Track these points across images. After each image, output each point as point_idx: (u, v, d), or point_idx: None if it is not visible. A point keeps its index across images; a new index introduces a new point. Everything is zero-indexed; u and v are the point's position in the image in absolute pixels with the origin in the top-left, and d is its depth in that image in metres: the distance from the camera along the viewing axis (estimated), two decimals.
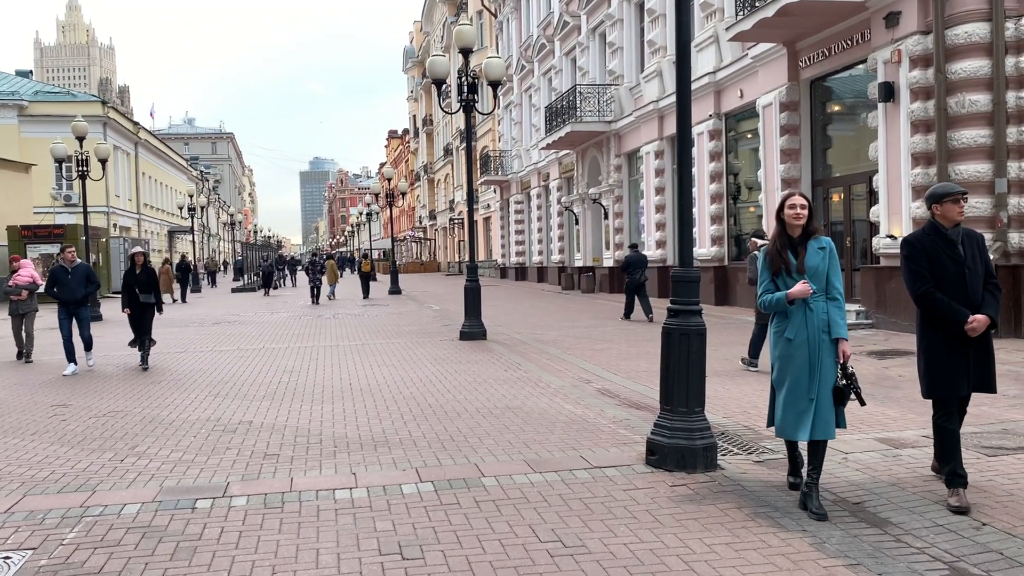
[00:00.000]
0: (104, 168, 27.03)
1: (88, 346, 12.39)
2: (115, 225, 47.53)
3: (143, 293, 12.39)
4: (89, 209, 25.33)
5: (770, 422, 5.25)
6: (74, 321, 12.27)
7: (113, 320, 22.30)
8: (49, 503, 5.49)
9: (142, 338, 12.31)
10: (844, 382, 4.87)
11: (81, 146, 23.60)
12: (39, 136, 42.34)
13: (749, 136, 20.41)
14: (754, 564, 4.18)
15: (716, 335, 12.14)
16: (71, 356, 11.93)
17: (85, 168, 23.81)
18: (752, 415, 7.70)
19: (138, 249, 12.91)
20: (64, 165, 30.78)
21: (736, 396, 8.68)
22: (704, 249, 21.03)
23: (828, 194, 17.27)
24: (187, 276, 34.23)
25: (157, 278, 12.77)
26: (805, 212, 4.97)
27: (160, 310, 12.73)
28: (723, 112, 20.92)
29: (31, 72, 60.49)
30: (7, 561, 4.45)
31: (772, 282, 5.03)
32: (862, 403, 4.92)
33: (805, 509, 4.89)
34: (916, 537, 4.50)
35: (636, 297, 17.99)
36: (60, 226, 34.07)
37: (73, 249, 12.81)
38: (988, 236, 12.77)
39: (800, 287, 4.86)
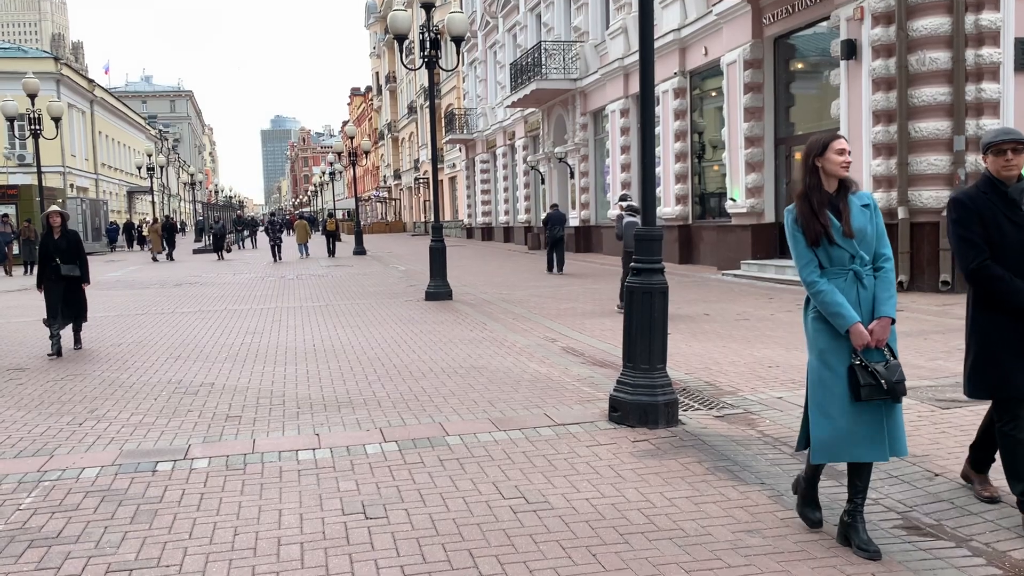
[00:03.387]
0: (58, 127, 26.39)
1: None
2: (72, 185, 46.50)
3: (65, 264, 10.05)
4: (44, 169, 24.77)
5: (806, 444, 3.96)
6: None
7: None
8: (5, 468, 5.41)
9: (77, 320, 10.37)
10: (858, 361, 3.67)
11: (33, 104, 22.99)
12: None
13: (713, 94, 20.39)
14: (713, 517, 4.24)
15: (679, 293, 12.26)
16: None
17: (38, 127, 23.21)
18: (713, 371, 7.79)
19: (54, 209, 10.43)
20: (16, 124, 29.98)
21: (698, 352, 8.77)
22: (668, 208, 21.08)
23: (790, 152, 17.35)
24: (172, 235, 34.30)
25: (82, 244, 10.50)
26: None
27: (87, 280, 10.40)
28: (688, 70, 20.83)
29: None
30: None
31: (813, 252, 3.83)
32: (891, 396, 3.65)
33: (847, 544, 3.82)
34: (871, 488, 4.58)
35: (555, 250, 20.07)
36: (14, 187, 33.34)
37: None
38: (946, 193, 12.97)
39: (859, 335, 3.68)
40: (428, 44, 15.02)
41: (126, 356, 9.72)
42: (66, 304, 10.10)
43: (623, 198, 13.91)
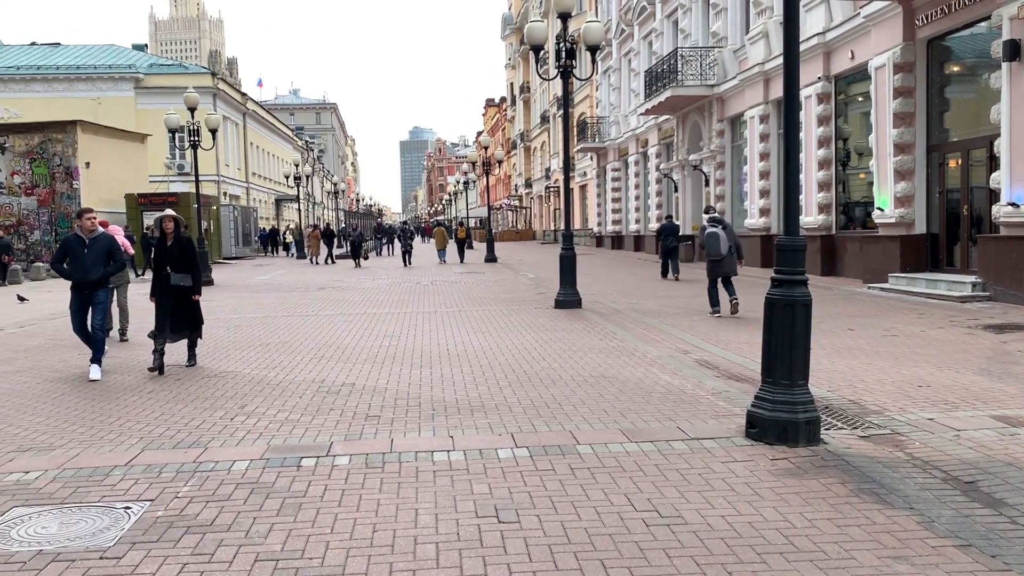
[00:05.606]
0: (214, 138, 28.04)
1: (98, 350, 9.04)
2: (225, 193, 49.33)
3: (176, 272, 9.23)
4: (200, 177, 26.34)
5: None
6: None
7: (225, 285, 23.28)
8: (165, 457, 5.78)
9: (191, 335, 9.59)
10: None
11: (193, 116, 24.51)
12: (154, 107, 44.26)
13: (860, 99, 19.55)
14: (857, 541, 4.05)
15: (821, 306, 11.79)
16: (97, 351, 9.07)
17: (196, 138, 24.72)
18: (858, 389, 7.44)
19: (169, 212, 9.57)
20: (177, 135, 32.11)
21: (841, 369, 8.40)
22: (811, 217, 20.35)
23: (944, 160, 16.43)
24: (331, 241, 37.13)
25: (195, 252, 9.60)
26: None
27: (198, 291, 9.50)
28: (832, 74, 20.07)
29: (146, 46, 63.11)
30: (127, 511, 4.73)
31: None
32: None
33: None
34: None
35: (669, 259, 21.36)
36: (174, 194, 35.72)
37: (94, 215, 9.32)
38: None
39: None
40: (564, 54, 15.12)
41: (273, 355, 10.21)
42: (178, 317, 9.36)
43: (707, 210, 14.62)
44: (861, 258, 18.44)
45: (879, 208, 17.41)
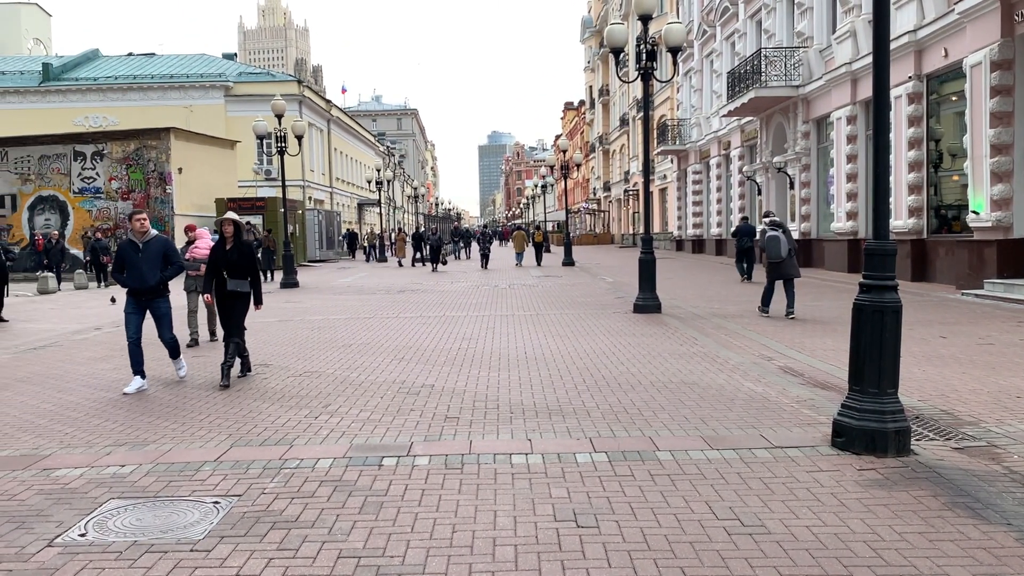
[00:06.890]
0: (300, 144, 28.73)
1: (174, 352, 8.97)
2: (310, 198, 50.55)
3: (233, 278, 8.84)
4: (287, 182, 27.05)
5: None
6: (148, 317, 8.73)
7: (309, 287, 23.84)
8: (252, 454, 5.95)
9: (229, 340, 8.83)
10: None
11: (280, 123, 25.17)
12: (242, 114, 45.75)
13: (953, 99, 18.83)
14: (950, 556, 3.90)
15: (911, 313, 11.41)
16: (137, 366, 8.51)
17: (283, 144, 25.39)
18: (951, 399, 7.16)
19: (230, 215, 9.20)
20: (264, 141, 33.02)
21: (933, 378, 8.11)
22: (900, 221, 19.69)
23: None
24: (419, 244, 38.50)
25: (255, 258, 9.24)
26: None
27: (259, 302, 9.05)
28: (924, 73, 19.38)
29: (235, 55, 65.10)
30: (216, 505, 4.88)
31: None
32: None
33: None
34: None
35: (744, 260, 21.74)
36: (261, 199, 36.82)
37: (144, 216, 8.75)
38: None
39: None
40: (644, 56, 15.00)
41: (355, 356, 10.41)
42: (228, 321, 8.94)
43: (766, 215, 15.17)
44: (954, 263, 17.75)
45: (974, 211, 16.73)
